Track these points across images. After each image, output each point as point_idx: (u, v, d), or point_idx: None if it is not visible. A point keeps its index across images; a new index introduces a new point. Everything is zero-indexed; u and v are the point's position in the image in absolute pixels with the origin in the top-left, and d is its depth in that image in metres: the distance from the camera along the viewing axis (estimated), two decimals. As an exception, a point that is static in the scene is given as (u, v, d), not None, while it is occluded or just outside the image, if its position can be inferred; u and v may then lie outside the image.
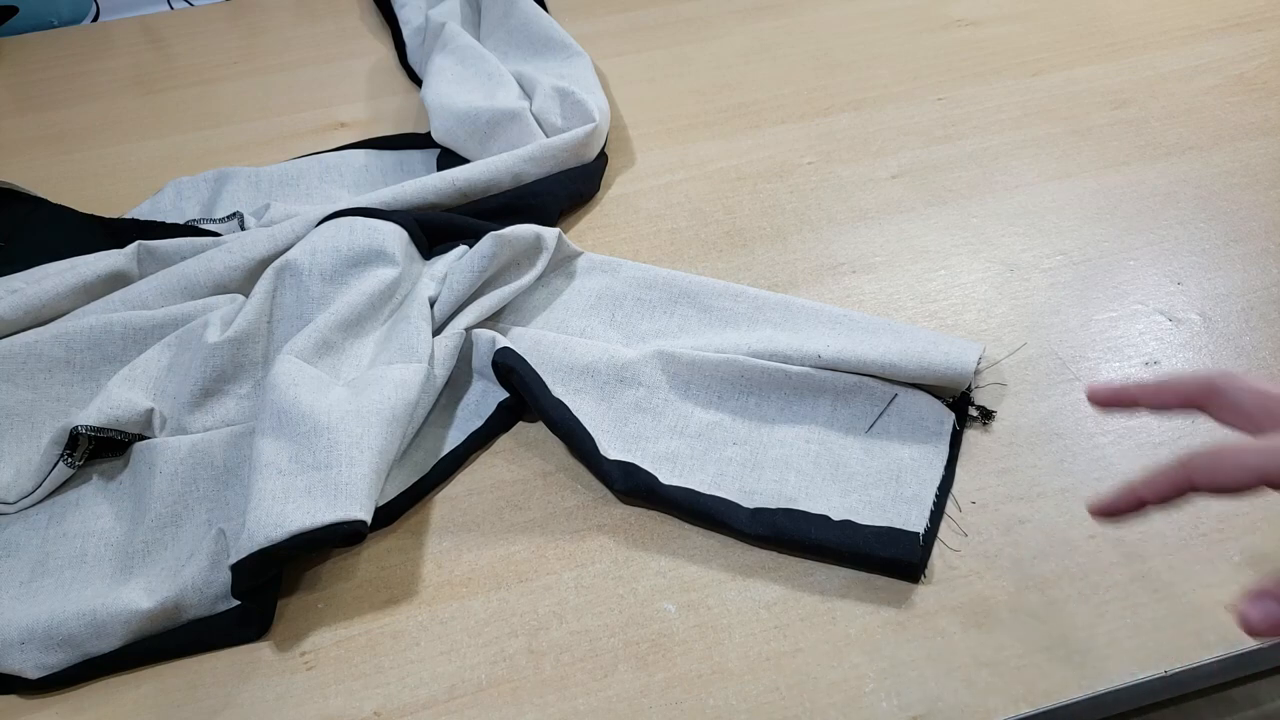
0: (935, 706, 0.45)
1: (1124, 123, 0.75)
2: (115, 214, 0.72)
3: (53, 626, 0.47)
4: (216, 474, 0.53)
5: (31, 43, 0.93)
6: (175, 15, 0.97)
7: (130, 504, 0.53)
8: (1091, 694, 0.45)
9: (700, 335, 0.59)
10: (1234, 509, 0.52)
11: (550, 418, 0.54)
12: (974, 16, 0.87)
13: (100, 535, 0.52)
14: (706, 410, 0.56)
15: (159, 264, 0.63)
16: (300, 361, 0.53)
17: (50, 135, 0.81)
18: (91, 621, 0.47)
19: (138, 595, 0.48)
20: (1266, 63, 0.80)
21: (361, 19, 0.93)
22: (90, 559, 0.51)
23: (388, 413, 0.51)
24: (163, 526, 0.51)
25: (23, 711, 0.47)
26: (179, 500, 0.52)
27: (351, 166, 0.75)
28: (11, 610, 0.48)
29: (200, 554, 0.49)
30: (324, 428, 0.49)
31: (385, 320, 0.59)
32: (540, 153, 0.69)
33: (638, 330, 0.60)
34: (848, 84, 0.81)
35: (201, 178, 0.73)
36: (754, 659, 0.47)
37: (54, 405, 0.56)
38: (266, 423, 0.51)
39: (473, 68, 0.78)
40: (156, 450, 0.53)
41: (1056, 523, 0.52)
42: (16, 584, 0.50)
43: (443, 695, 0.46)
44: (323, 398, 0.51)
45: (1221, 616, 0.47)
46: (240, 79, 0.87)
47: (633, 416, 0.55)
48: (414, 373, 0.53)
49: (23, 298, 0.57)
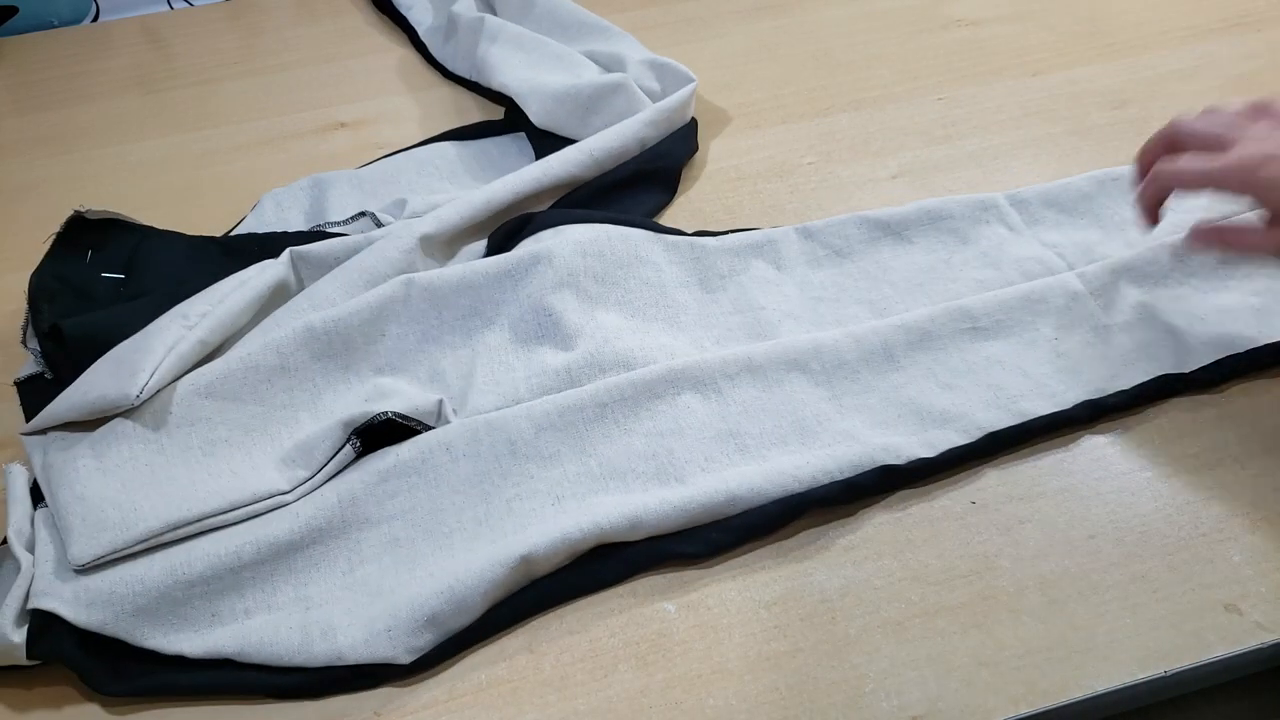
0: (935, 706, 0.45)
1: (1124, 123, 0.75)
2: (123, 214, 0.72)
3: (414, 609, 0.47)
4: (514, 448, 0.53)
5: (31, 43, 0.93)
6: (175, 15, 0.97)
7: (430, 485, 0.52)
8: (1091, 694, 0.45)
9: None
10: (1234, 509, 0.52)
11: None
12: (974, 16, 0.87)
13: (406, 516, 0.51)
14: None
15: (314, 267, 0.63)
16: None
17: (50, 135, 0.81)
18: (451, 598, 0.47)
19: (487, 565, 0.48)
20: (1266, 63, 0.80)
21: (362, 19, 0.93)
22: (404, 541, 0.50)
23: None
24: (474, 503, 0.51)
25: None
26: (485, 478, 0.52)
27: (445, 159, 0.75)
28: (353, 600, 0.48)
29: (537, 514, 0.50)
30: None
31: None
32: (658, 115, 0.72)
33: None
34: (848, 84, 0.81)
35: (296, 186, 0.72)
36: (754, 659, 0.47)
37: (282, 413, 0.55)
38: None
39: (536, 53, 0.79)
40: (451, 432, 0.53)
41: (1056, 523, 0.52)
42: (339, 574, 0.50)
43: (443, 695, 0.46)
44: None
45: (1221, 616, 0.47)
46: (240, 79, 0.87)
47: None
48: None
49: (215, 319, 0.57)
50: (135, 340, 0.56)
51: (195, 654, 0.46)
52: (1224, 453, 0.54)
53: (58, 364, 0.57)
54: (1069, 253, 0.63)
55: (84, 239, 0.64)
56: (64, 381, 0.55)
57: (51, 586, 0.47)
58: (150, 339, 0.55)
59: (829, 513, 0.52)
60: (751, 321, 0.60)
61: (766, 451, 0.53)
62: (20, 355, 0.60)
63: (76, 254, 0.64)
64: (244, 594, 0.48)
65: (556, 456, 0.53)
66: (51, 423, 0.54)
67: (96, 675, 0.46)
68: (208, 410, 0.54)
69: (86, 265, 0.63)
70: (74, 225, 0.64)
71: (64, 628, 0.46)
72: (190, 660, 0.47)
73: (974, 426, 0.54)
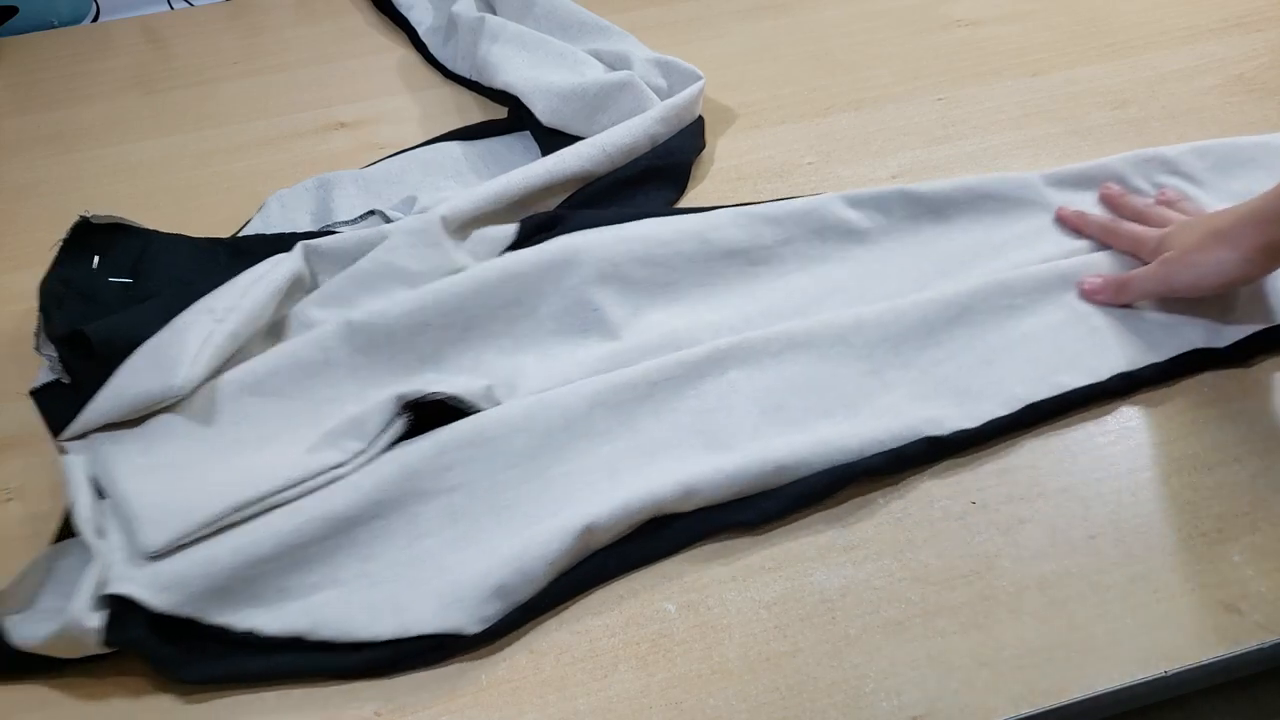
0: (935, 706, 0.45)
1: (1124, 123, 0.75)
2: (117, 214, 0.72)
3: (481, 580, 0.47)
4: (568, 425, 0.54)
5: (31, 43, 0.93)
6: (175, 15, 0.97)
7: (486, 458, 0.52)
8: (1091, 694, 0.45)
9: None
10: (1234, 509, 0.52)
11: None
12: (974, 16, 0.87)
13: (464, 489, 0.51)
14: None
15: (327, 261, 0.63)
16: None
17: (50, 135, 0.81)
18: (518, 569, 0.48)
19: (552, 536, 0.48)
20: (1266, 63, 0.80)
21: (362, 19, 0.93)
22: (462, 514, 0.51)
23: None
24: (530, 477, 0.52)
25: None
26: (540, 452, 0.53)
27: (450, 158, 0.75)
28: (416, 574, 0.49)
29: (594, 487, 0.51)
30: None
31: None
32: (668, 112, 0.73)
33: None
34: (848, 84, 0.81)
35: (301, 187, 0.72)
36: (754, 659, 0.47)
37: (329, 407, 0.55)
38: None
39: (539, 51, 0.79)
40: (506, 409, 0.54)
41: (1056, 523, 0.52)
42: (399, 548, 0.50)
43: (442, 695, 0.47)
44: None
45: (1221, 616, 0.47)
46: (240, 79, 0.87)
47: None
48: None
49: (242, 313, 0.57)
50: (164, 336, 0.56)
51: (268, 631, 0.47)
52: (1224, 453, 0.54)
53: (77, 369, 0.57)
54: None
55: (90, 243, 0.64)
56: (84, 385, 0.56)
57: (125, 572, 0.47)
58: (181, 334, 0.55)
59: (874, 483, 0.53)
60: (796, 295, 0.62)
61: (813, 424, 0.54)
62: (26, 355, 0.60)
63: (83, 259, 0.63)
64: (311, 569, 0.49)
65: (608, 433, 0.54)
66: (93, 425, 0.54)
67: (170, 662, 0.46)
68: (254, 406, 0.55)
69: (93, 270, 0.63)
70: (80, 230, 0.64)
71: (139, 615, 0.46)
72: (260, 643, 0.47)
73: (1014, 398, 0.55)
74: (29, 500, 0.55)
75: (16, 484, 0.56)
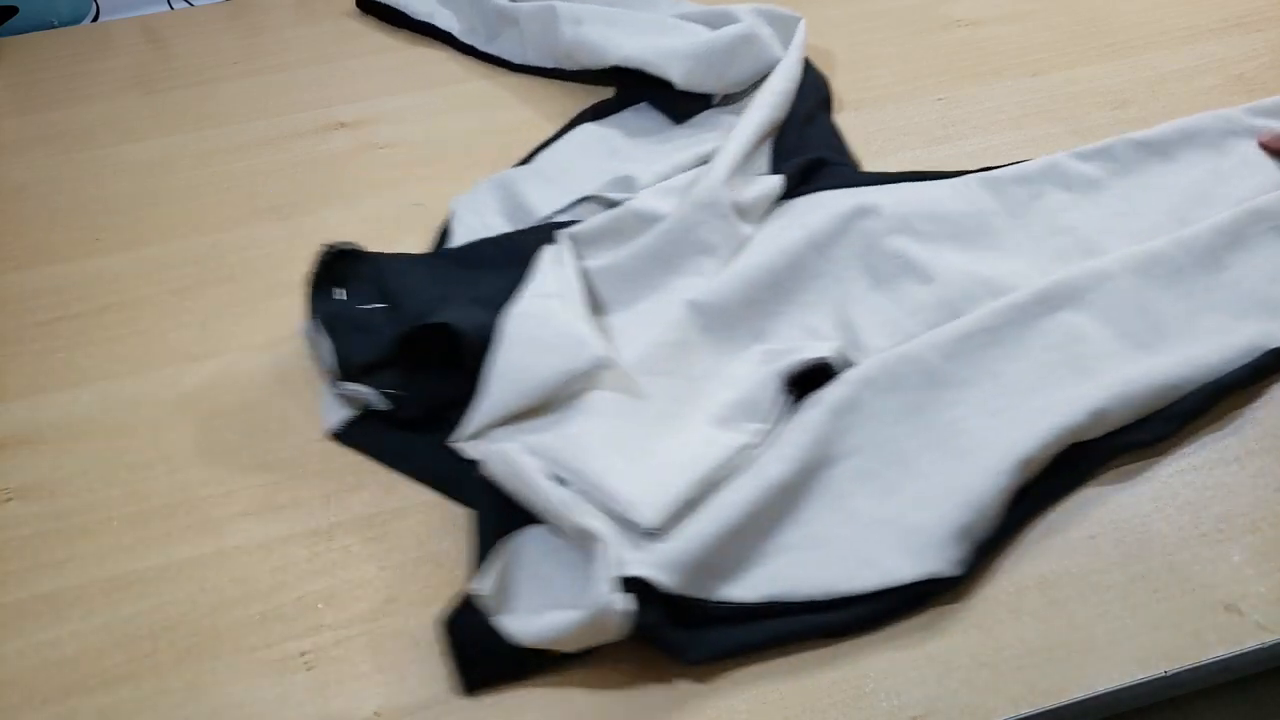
0: (935, 706, 0.45)
1: (1124, 123, 0.75)
2: (117, 214, 0.72)
3: (944, 525, 0.49)
4: (931, 378, 0.56)
5: (31, 43, 0.93)
6: (175, 15, 0.97)
7: (867, 420, 0.54)
8: (1091, 694, 0.45)
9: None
10: (1234, 509, 0.52)
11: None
12: (974, 16, 0.87)
13: (863, 451, 0.53)
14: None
15: (584, 245, 0.65)
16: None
17: (50, 135, 0.81)
18: (974, 509, 0.49)
19: (995, 474, 0.50)
20: (1266, 63, 0.80)
21: (362, 19, 0.93)
22: (871, 473, 0.53)
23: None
24: (919, 430, 0.54)
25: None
26: (916, 407, 0.55)
27: (597, 138, 0.77)
28: (860, 530, 0.50)
29: (986, 427, 0.53)
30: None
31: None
32: (797, 55, 0.79)
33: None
34: (848, 84, 0.81)
35: (479, 190, 0.72)
36: (754, 659, 0.47)
37: (704, 383, 0.57)
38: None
39: (637, 24, 0.81)
40: (867, 371, 0.55)
41: (1056, 523, 0.52)
42: (828, 510, 0.51)
43: (443, 695, 0.47)
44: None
45: (1221, 616, 0.47)
46: (240, 79, 0.87)
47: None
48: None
49: (577, 294, 0.60)
50: (528, 326, 0.56)
51: (747, 600, 0.48)
52: (1224, 453, 0.54)
53: (413, 386, 0.57)
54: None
55: (330, 276, 0.62)
56: (412, 402, 0.56)
57: (630, 555, 0.47)
58: (548, 319, 0.57)
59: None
60: (1073, 241, 0.65)
61: (1160, 345, 0.57)
62: (26, 354, 0.60)
63: (329, 293, 0.61)
64: (764, 537, 0.50)
65: (970, 380, 0.56)
66: (494, 420, 0.55)
67: (677, 643, 0.46)
68: (649, 386, 0.57)
69: (343, 302, 0.61)
70: (324, 263, 0.61)
71: (651, 598, 0.46)
72: (742, 614, 0.48)
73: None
74: (29, 500, 0.55)
75: (16, 484, 0.56)
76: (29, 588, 0.52)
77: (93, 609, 0.51)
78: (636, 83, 0.79)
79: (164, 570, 0.52)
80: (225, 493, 0.55)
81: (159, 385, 0.61)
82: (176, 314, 0.66)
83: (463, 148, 0.78)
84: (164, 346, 0.64)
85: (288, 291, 0.66)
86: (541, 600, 0.47)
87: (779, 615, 0.48)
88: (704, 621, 0.47)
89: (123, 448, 0.58)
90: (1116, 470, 0.54)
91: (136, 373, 0.62)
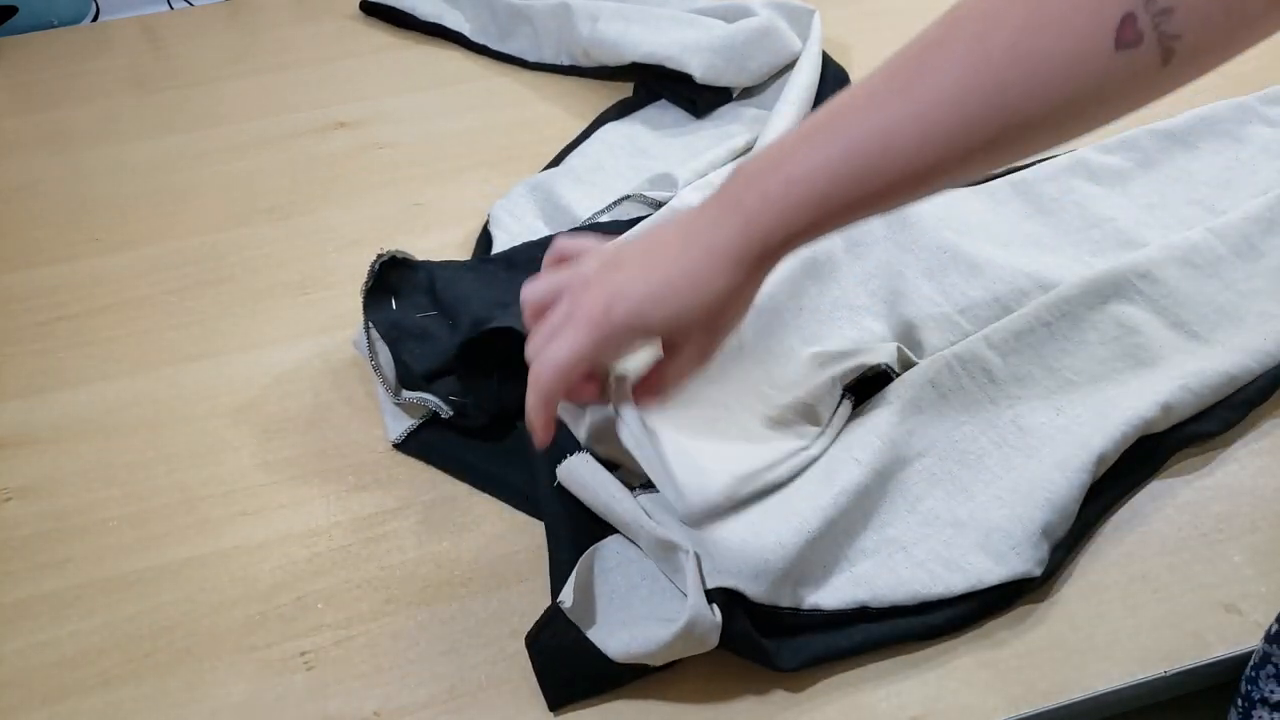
0: (935, 706, 0.45)
1: (1123, 122, 0.75)
2: (115, 214, 0.72)
3: (1026, 525, 0.48)
4: (991, 376, 0.55)
5: (31, 43, 0.93)
6: (175, 15, 0.97)
7: (932, 420, 0.54)
8: (1091, 694, 0.45)
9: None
10: (1234, 509, 0.52)
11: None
12: (974, 16, 0.87)
13: (931, 452, 0.53)
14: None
15: None
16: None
17: (50, 135, 0.81)
18: (1055, 508, 0.49)
19: (1072, 472, 0.50)
20: (1266, 63, 0.80)
21: (362, 19, 0.93)
22: (942, 475, 0.52)
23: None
24: (984, 429, 0.54)
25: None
26: (979, 405, 0.55)
27: (625, 137, 0.78)
28: (939, 533, 0.50)
29: (1051, 423, 0.53)
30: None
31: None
32: (815, 48, 0.80)
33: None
34: (849, 83, 0.81)
35: (515, 194, 0.72)
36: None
37: (763, 387, 0.56)
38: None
39: (655, 20, 0.81)
40: (928, 372, 0.55)
41: (1056, 523, 0.52)
42: (904, 513, 0.51)
43: (442, 695, 0.46)
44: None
45: (1221, 616, 0.47)
46: (240, 79, 0.87)
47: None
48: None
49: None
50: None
51: (829, 606, 0.47)
52: (1224, 453, 0.54)
53: (469, 395, 0.56)
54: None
55: (382, 285, 0.61)
56: (471, 417, 0.56)
57: (719, 565, 0.46)
58: None
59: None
60: (1111, 233, 0.65)
61: (1212, 334, 0.58)
62: (25, 355, 0.60)
63: (384, 302, 0.61)
64: (843, 542, 0.49)
65: (1030, 376, 0.56)
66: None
67: (765, 653, 0.46)
68: (701, 389, 0.54)
69: (396, 311, 0.61)
70: (376, 273, 0.60)
71: (739, 608, 0.45)
72: (828, 621, 0.47)
73: None
74: (29, 500, 0.55)
75: (16, 484, 0.56)
76: (29, 588, 0.52)
77: (93, 609, 0.51)
78: (654, 77, 0.79)
79: (163, 570, 0.52)
80: (225, 493, 0.55)
81: (158, 385, 0.61)
82: (175, 314, 0.66)
83: (463, 147, 0.78)
84: (163, 346, 0.64)
85: (286, 292, 0.66)
86: (623, 613, 0.47)
87: (864, 619, 0.47)
88: (794, 630, 0.47)
89: (122, 448, 0.58)
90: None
91: (135, 373, 0.62)
